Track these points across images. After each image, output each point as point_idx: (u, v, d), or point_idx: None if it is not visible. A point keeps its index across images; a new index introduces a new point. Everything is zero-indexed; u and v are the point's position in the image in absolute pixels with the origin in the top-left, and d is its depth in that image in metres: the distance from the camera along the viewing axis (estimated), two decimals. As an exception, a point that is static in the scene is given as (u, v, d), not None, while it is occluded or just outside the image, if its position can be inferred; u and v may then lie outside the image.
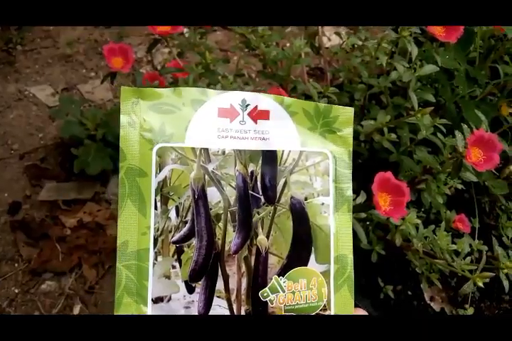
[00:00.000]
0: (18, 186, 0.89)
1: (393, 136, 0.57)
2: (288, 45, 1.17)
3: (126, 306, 0.30)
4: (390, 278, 0.67)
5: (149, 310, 0.30)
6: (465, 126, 0.51)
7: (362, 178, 0.66)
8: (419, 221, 0.52)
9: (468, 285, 0.45)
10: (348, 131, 0.34)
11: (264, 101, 0.33)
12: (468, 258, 0.53)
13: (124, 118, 0.31)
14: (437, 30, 0.51)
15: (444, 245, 0.52)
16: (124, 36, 1.28)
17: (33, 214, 0.84)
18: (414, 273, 0.66)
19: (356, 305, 0.33)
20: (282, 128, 0.33)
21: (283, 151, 0.33)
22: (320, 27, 0.85)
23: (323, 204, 0.33)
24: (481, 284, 0.46)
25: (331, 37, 1.17)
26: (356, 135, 0.65)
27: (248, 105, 0.33)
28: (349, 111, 0.34)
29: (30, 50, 1.23)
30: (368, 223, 0.59)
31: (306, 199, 0.33)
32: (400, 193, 0.42)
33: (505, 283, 0.49)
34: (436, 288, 0.68)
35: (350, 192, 0.34)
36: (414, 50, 0.58)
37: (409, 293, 0.67)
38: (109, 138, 0.87)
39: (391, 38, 0.64)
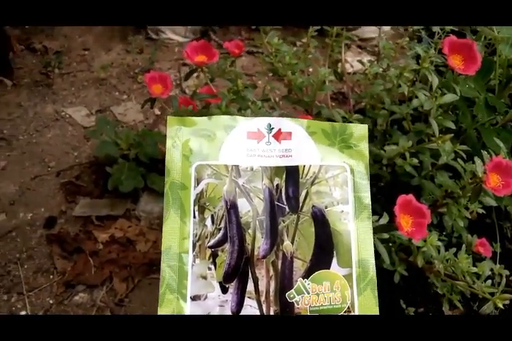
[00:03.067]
0: (54, 202, 0.94)
1: (415, 160, 0.60)
2: (311, 70, 1.21)
3: (168, 302, 0.34)
4: (412, 300, 0.68)
5: (188, 306, 0.34)
6: (484, 153, 0.54)
7: (384, 201, 0.69)
8: (440, 243, 0.54)
9: (488, 306, 0.47)
10: (364, 146, 0.39)
11: (286, 124, 0.39)
12: (489, 281, 0.54)
13: (169, 142, 0.38)
14: (456, 64, 0.54)
15: (465, 267, 0.53)
16: (155, 61, 1.35)
17: (68, 229, 0.88)
18: (435, 295, 0.67)
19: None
20: (303, 146, 0.38)
21: (304, 166, 0.38)
22: (343, 55, 0.89)
23: (342, 211, 0.37)
24: (500, 305, 0.47)
25: (353, 63, 1.21)
26: (379, 159, 0.68)
27: (273, 128, 0.39)
28: (363, 128, 0.39)
29: (66, 73, 1.30)
30: (390, 244, 0.61)
31: (326, 207, 0.37)
32: (421, 215, 0.44)
33: (526, 306, 0.51)
34: (458, 311, 0.69)
35: (368, 200, 0.37)
36: (434, 80, 0.61)
37: (431, 314, 0.68)
38: (141, 157, 0.92)
39: (412, 68, 0.68)
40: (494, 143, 0.61)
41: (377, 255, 0.57)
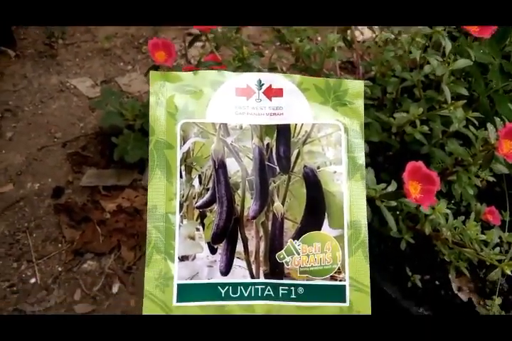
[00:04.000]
0: (61, 172, 0.94)
1: (425, 128, 0.59)
2: (319, 39, 1.18)
3: (155, 262, 0.34)
4: (418, 268, 0.68)
5: (176, 266, 0.34)
6: (497, 119, 0.52)
7: (393, 170, 0.68)
8: (448, 211, 0.53)
9: (496, 273, 0.47)
10: (359, 103, 0.37)
11: (277, 80, 0.37)
12: (497, 249, 0.54)
13: (152, 98, 0.36)
14: (471, 27, 0.52)
15: (474, 235, 0.53)
16: (159, 31, 1.32)
17: (75, 199, 0.89)
18: (442, 263, 0.67)
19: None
20: (295, 104, 0.36)
21: (296, 125, 0.36)
22: (353, 21, 0.86)
23: (335, 172, 0.36)
24: (509, 272, 0.47)
25: (363, 31, 1.17)
26: (388, 127, 0.67)
27: (263, 84, 0.37)
28: (359, 84, 0.37)
29: (70, 43, 1.28)
30: (398, 213, 0.60)
31: (318, 167, 0.36)
32: (430, 182, 0.44)
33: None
34: (464, 279, 0.69)
35: (362, 161, 0.36)
36: (448, 45, 0.59)
37: (437, 282, 0.69)
38: (146, 128, 0.91)
39: (425, 32, 0.65)
40: (507, 110, 0.60)
41: (384, 222, 0.57)
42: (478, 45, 0.66)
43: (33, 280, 0.79)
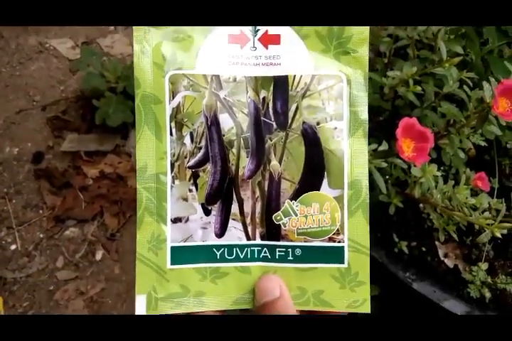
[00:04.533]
0: (41, 137, 0.91)
1: (418, 88, 0.56)
2: None
3: (147, 225, 0.32)
4: (405, 234, 0.67)
5: (168, 229, 0.32)
6: (492, 79, 0.50)
7: (383, 136, 0.66)
8: (439, 173, 0.52)
9: (485, 235, 0.46)
10: (364, 52, 0.33)
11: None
12: (487, 213, 0.53)
13: (136, 47, 0.32)
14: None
15: (463, 199, 0.52)
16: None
17: (56, 164, 0.86)
18: (429, 230, 0.67)
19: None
20: (294, 53, 0.33)
21: (294, 76, 0.33)
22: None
23: (336, 128, 0.33)
24: (498, 234, 0.46)
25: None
26: (379, 90, 0.64)
27: (258, 30, 0.33)
28: (364, 30, 0.33)
29: (49, 2, 1.22)
30: (387, 177, 0.59)
31: (318, 124, 0.33)
32: (423, 139, 0.42)
33: (522, 236, 0.50)
34: (451, 245, 0.68)
35: (365, 116, 0.33)
36: None
37: (424, 249, 0.68)
38: (129, 91, 0.88)
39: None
40: (502, 70, 0.57)
41: (372, 187, 0.55)
42: (476, 2, 0.63)
43: (13, 247, 0.77)
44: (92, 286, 0.74)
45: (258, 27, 0.33)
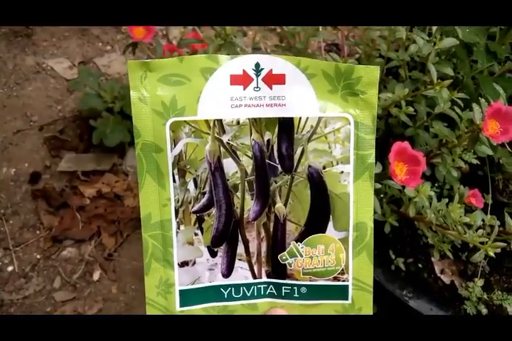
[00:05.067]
0: (38, 157, 0.91)
1: (410, 108, 0.58)
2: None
3: (154, 271, 0.32)
4: (401, 251, 0.68)
5: (176, 273, 0.32)
6: (482, 100, 0.51)
7: (378, 153, 0.67)
8: (432, 193, 0.53)
9: (479, 254, 0.46)
10: (373, 93, 0.32)
11: (279, 64, 0.31)
12: (481, 231, 0.54)
13: (134, 94, 0.31)
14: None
15: (457, 217, 0.52)
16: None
17: (53, 184, 0.86)
18: (425, 246, 0.67)
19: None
20: (299, 93, 0.32)
21: (300, 118, 0.32)
22: None
23: (342, 172, 0.33)
24: (492, 254, 0.47)
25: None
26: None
27: (262, 69, 0.32)
28: (374, 71, 0.32)
29: (46, 23, 1.23)
30: (382, 196, 0.60)
31: (324, 168, 0.33)
32: (416, 163, 0.43)
33: (516, 254, 0.50)
34: (447, 262, 0.69)
35: (372, 159, 0.33)
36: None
37: (420, 265, 0.69)
38: (126, 111, 0.89)
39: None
40: (492, 91, 0.59)
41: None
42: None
43: (10, 268, 0.77)
44: (89, 307, 0.74)
45: (262, 65, 0.32)
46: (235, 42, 0.67)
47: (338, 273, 0.33)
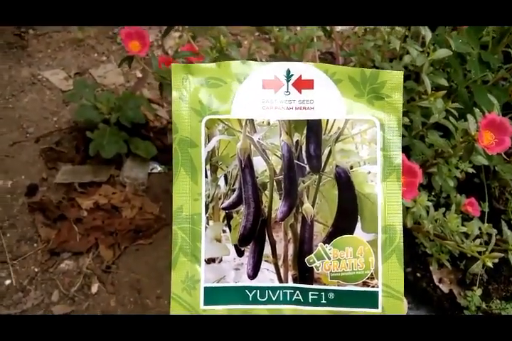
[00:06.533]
0: (35, 169, 0.91)
1: (406, 119, 0.58)
2: (299, 29, 1.16)
3: (181, 264, 0.33)
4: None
5: (202, 269, 0.33)
6: (477, 110, 0.52)
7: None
8: (429, 203, 0.53)
9: (477, 265, 0.47)
10: (397, 97, 0.33)
11: (308, 70, 0.34)
12: (478, 240, 0.54)
13: (175, 94, 0.34)
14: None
15: (454, 227, 0.53)
16: (135, 20, 1.28)
17: (50, 196, 0.86)
18: (423, 256, 0.68)
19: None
20: (327, 97, 0.34)
21: (328, 120, 0.34)
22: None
23: (369, 172, 0.33)
24: (490, 264, 0.47)
25: (342, 20, 1.16)
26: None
27: (292, 75, 0.34)
28: (398, 76, 0.33)
29: (42, 34, 1.23)
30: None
31: (351, 168, 0.33)
32: (412, 175, 0.43)
33: (514, 264, 0.51)
34: (445, 271, 0.69)
35: (399, 160, 0.33)
36: (427, 34, 0.58)
37: (419, 275, 0.69)
38: (122, 122, 0.89)
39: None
40: (486, 101, 0.59)
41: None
42: (457, 35, 0.65)
43: (8, 282, 0.76)
44: (88, 320, 0.73)
45: (292, 72, 0.34)
46: (230, 55, 0.67)
47: (367, 278, 0.33)
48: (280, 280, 0.33)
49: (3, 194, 0.87)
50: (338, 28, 1.18)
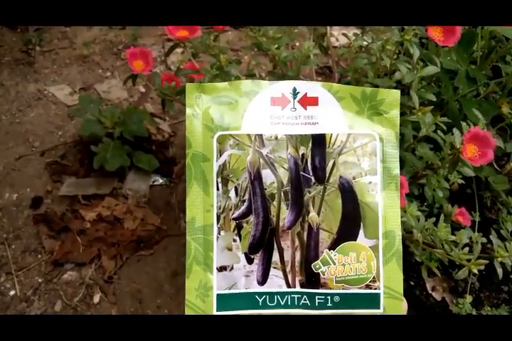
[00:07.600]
0: (40, 182, 0.94)
1: (396, 133, 0.60)
2: (297, 44, 1.20)
3: (195, 273, 0.35)
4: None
5: (214, 277, 0.35)
6: (464, 124, 0.54)
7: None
8: (419, 213, 0.55)
9: (463, 271, 0.48)
10: (395, 113, 0.36)
11: (313, 88, 0.37)
12: (467, 249, 0.56)
13: (189, 111, 0.36)
14: (436, 36, 0.54)
15: (444, 236, 0.55)
16: (138, 37, 1.32)
17: (54, 209, 0.89)
18: (416, 265, 0.69)
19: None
20: (330, 113, 0.36)
21: (331, 134, 0.36)
22: (328, 28, 0.88)
23: (370, 182, 0.36)
24: (475, 271, 0.49)
25: (338, 37, 1.20)
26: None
27: (298, 93, 0.37)
28: (395, 94, 0.36)
29: (48, 50, 1.28)
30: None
31: (354, 178, 0.36)
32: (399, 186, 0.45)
33: (499, 271, 0.52)
34: (438, 279, 0.71)
35: (397, 171, 0.36)
36: (416, 52, 0.60)
37: (412, 283, 0.70)
38: (126, 135, 0.92)
39: (396, 40, 0.67)
40: (474, 115, 0.62)
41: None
42: (447, 52, 0.68)
43: (12, 293, 0.78)
44: (90, 329, 0.75)
45: (298, 90, 0.37)
46: (229, 72, 0.70)
47: (370, 281, 0.35)
48: (288, 286, 0.35)
49: (9, 206, 0.90)
50: (335, 44, 1.22)
